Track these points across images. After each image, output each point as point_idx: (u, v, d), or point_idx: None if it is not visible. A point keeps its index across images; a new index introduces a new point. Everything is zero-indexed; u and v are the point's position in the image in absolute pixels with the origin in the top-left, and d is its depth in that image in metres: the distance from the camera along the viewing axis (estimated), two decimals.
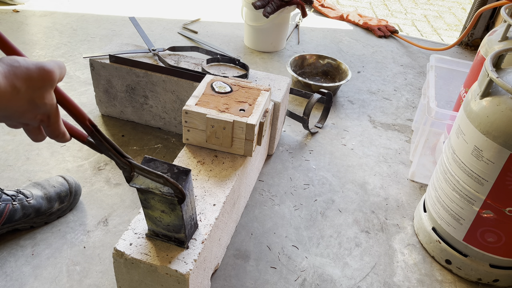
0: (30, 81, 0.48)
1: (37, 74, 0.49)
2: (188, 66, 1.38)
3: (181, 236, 0.83)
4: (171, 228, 0.82)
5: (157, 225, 0.83)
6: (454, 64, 1.55)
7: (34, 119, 0.53)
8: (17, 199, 1.04)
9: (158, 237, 0.85)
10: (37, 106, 0.51)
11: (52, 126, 0.55)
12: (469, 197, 0.99)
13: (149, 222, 0.84)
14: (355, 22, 2.47)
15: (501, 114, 0.88)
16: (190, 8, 2.46)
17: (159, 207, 0.79)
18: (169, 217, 0.80)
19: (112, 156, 0.68)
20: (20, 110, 0.50)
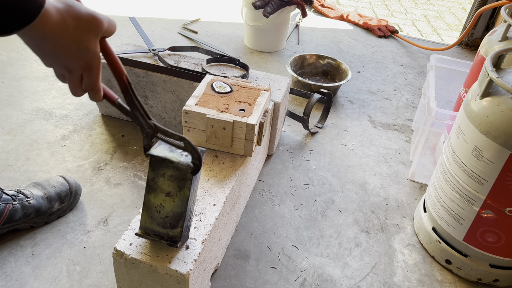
0: (79, 21, 0.53)
1: (86, 17, 0.54)
2: (188, 66, 1.38)
3: (176, 233, 0.80)
4: (168, 221, 0.80)
5: (153, 219, 0.80)
6: (454, 64, 1.55)
7: (78, 64, 0.57)
8: (17, 199, 1.04)
9: (149, 236, 0.81)
10: (81, 50, 0.56)
11: (92, 77, 0.60)
12: (469, 197, 0.99)
13: (144, 217, 0.81)
14: (355, 22, 2.47)
15: (501, 114, 0.88)
16: (190, 8, 2.46)
17: (165, 188, 0.78)
18: (172, 202, 0.79)
19: (138, 116, 0.71)
20: (66, 46, 0.54)
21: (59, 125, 1.46)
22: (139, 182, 1.26)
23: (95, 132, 1.43)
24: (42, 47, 0.54)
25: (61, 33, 0.53)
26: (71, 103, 1.57)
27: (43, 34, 0.52)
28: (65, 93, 1.62)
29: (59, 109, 1.53)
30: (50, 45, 0.53)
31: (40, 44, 0.54)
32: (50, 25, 0.51)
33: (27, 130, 1.42)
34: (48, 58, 0.56)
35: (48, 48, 0.54)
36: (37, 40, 0.53)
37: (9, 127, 1.43)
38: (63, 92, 1.63)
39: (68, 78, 0.59)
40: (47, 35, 0.52)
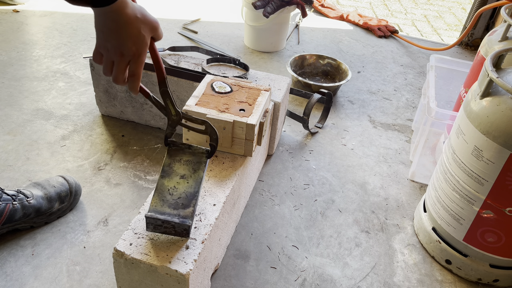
0: (144, 18, 0.71)
1: (150, 18, 0.72)
2: (188, 66, 1.38)
3: (187, 213, 0.83)
4: (181, 202, 0.84)
5: (164, 202, 0.84)
6: (454, 64, 1.55)
7: (131, 50, 0.71)
8: (17, 199, 1.04)
9: (158, 220, 0.82)
10: (139, 37, 0.71)
11: (138, 63, 0.74)
12: (469, 197, 0.99)
13: (155, 200, 0.84)
14: (355, 22, 2.47)
15: (501, 114, 0.88)
16: (190, 8, 2.46)
17: (180, 172, 0.87)
18: (186, 183, 0.86)
19: (169, 105, 0.84)
20: (129, 33, 0.70)
21: (59, 125, 1.46)
22: (139, 182, 1.26)
23: (95, 132, 1.43)
24: (112, 27, 0.69)
25: (130, 20, 0.69)
26: (71, 103, 1.57)
27: (118, 16, 0.68)
28: (65, 93, 1.62)
29: (59, 109, 1.53)
30: (119, 26, 0.69)
31: (111, 24, 0.69)
32: (127, 12, 0.69)
33: (27, 130, 1.42)
34: (111, 39, 0.70)
35: (116, 28, 0.69)
36: (111, 21, 0.68)
37: (9, 127, 1.43)
38: (63, 92, 1.63)
39: (118, 62, 0.72)
40: (120, 18, 0.68)
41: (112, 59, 0.73)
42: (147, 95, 0.82)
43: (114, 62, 0.73)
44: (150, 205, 0.83)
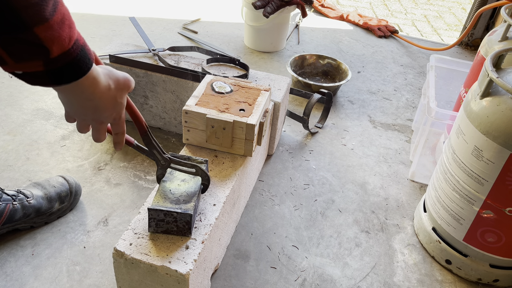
0: (117, 83, 0.65)
1: (122, 79, 0.65)
2: (188, 66, 1.38)
3: (189, 207, 0.84)
4: (182, 198, 0.86)
5: (166, 199, 0.86)
6: (454, 64, 1.55)
7: (111, 117, 0.67)
8: (17, 199, 1.04)
9: (161, 212, 0.83)
10: (116, 104, 0.66)
11: (120, 124, 0.71)
12: (469, 197, 0.99)
13: (157, 198, 0.86)
14: (355, 22, 2.47)
15: (501, 114, 0.88)
16: (190, 8, 2.46)
17: (181, 177, 0.91)
18: (187, 184, 0.90)
19: (155, 154, 0.83)
20: (108, 104, 0.65)
21: (59, 125, 1.46)
22: (139, 182, 1.26)
23: None
24: (85, 104, 0.63)
25: (106, 93, 0.63)
26: None
27: (93, 92, 0.61)
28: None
29: (59, 109, 1.53)
30: (95, 102, 0.63)
31: (86, 101, 0.62)
32: (99, 85, 0.61)
33: (27, 130, 1.42)
34: (86, 113, 0.65)
35: (91, 105, 0.63)
36: (84, 97, 0.61)
37: (9, 127, 1.43)
38: None
39: (98, 128, 0.69)
40: (96, 93, 0.61)
41: (89, 124, 0.69)
42: (130, 144, 0.80)
43: (91, 126, 0.69)
44: (152, 202, 0.85)
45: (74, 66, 0.56)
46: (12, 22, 0.48)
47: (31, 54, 0.52)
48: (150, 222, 0.85)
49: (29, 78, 0.55)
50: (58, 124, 1.46)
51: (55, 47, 0.52)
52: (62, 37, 0.53)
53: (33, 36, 0.50)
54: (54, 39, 0.52)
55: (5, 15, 0.48)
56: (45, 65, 0.53)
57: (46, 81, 0.56)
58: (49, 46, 0.52)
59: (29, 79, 0.56)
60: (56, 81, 0.56)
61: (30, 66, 0.53)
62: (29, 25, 0.49)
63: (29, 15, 0.49)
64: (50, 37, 0.51)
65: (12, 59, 0.52)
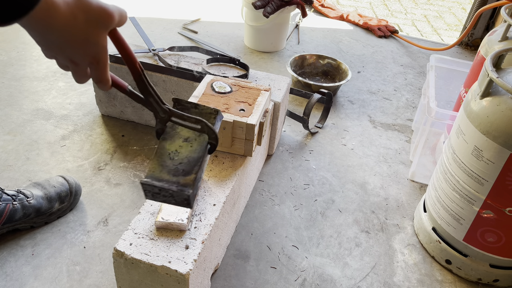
0: (88, 14, 0.51)
1: (97, 10, 0.52)
2: (188, 66, 1.38)
3: (188, 180, 0.71)
4: (182, 168, 0.72)
5: (163, 167, 0.72)
6: (454, 64, 1.55)
7: (85, 58, 0.55)
8: (17, 199, 1.04)
9: (155, 187, 0.70)
10: (90, 43, 0.54)
11: (99, 70, 0.58)
12: (469, 197, 0.99)
13: (153, 165, 0.72)
14: (355, 22, 2.47)
15: (501, 114, 0.88)
16: (190, 8, 2.46)
17: (184, 134, 0.74)
18: (190, 147, 0.73)
19: (152, 102, 0.69)
20: (74, 40, 0.52)
21: (59, 125, 1.46)
22: None
23: (95, 132, 1.43)
24: (47, 38, 0.52)
25: (69, 26, 0.51)
26: (71, 103, 1.57)
27: (50, 25, 0.49)
28: (65, 93, 1.62)
29: (59, 109, 1.53)
30: (56, 37, 0.51)
31: (45, 35, 0.51)
32: (58, 17, 0.49)
33: (27, 130, 1.42)
34: (52, 49, 0.54)
35: (53, 40, 0.52)
36: (42, 32, 0.50)
37: (9, 127, 1.43)
38: (63, 92, 1.63)
39: (74, 70, 0.57)
40: (54, 26, 0.50)
41: (66, 65, 0.57)
42: (123, 90, 0.67)
43: (69, 67, 0.58)
44: (148, 171, 0.71)
45: None
46: None
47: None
48: (146, 192, 0.72)
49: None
50: (58, 124, 1.46)
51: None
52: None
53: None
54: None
55: None
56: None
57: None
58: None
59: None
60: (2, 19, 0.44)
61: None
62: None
63: None
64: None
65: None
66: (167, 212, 0.88)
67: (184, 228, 0.87)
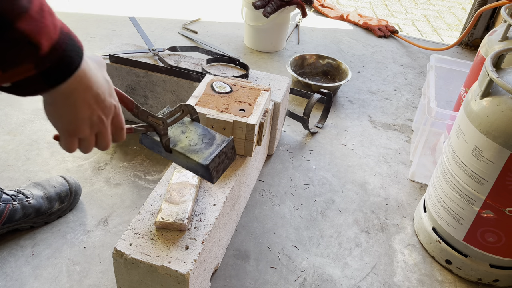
0: (101, 64, 0.60)
1: (101, 60, 0.60)
2: (188, 66, 1.38)
3: (219, 137, 0.85)
4: (205, 141, 0.86)
5: (200, 151, 0.84)
6: (454, 64, 1.55)
7: (110, 109, 0.60)
8: (17, 199, 1.04)
9: (216, 158, 0.82)
10: (112, 96, 0.60)
11: (121, 116, 0.63)
12: (469, 197, 0.99)
13: (196, 157, 0.83)
14: (355, 22, 2.47)
15: (501, 114, 0.88)
16: (190, 8, 2.46)
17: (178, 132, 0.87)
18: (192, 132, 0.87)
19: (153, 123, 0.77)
20: (105, 89, 0.58)
21: None
22: (139, 182, 1.26)
23: None
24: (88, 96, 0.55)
25: (100, 77, 0.57)
26: None
27: (91, 81, 0.54)
28: None
29: None
30: (96, 90, 0.56)
31: (86, 94, 0.55)
32: (94, 72, 0.55)
33: (27, 130, 1.42)
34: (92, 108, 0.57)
35: (94, 95, 0.56)
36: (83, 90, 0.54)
37: (9, 127, 1.43)
38: None
39: (104, 132, 0.61)
40: (93, 81, 0.55)
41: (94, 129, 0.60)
42: (130, 131, 0.75)
43: (97, 129, 0.60)
44: (198, 162, 0.82)
45: (67, 59, 0.49)
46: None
47: (20, 56, 0.45)
48: (213, 174, 0.83)
49: (20, 88, 0.48)
50: None
51: (43, 39, 0.46)
52: (46, 25, 0.46)
53: (17, 33, 0.44)
54: (40, 30, 0.45)
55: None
56: (37, 66, 0.47)
57: (42, 86, 0.49)
58: (37, 39, 0.45)
59: (21, 89, 0.48)
60: (53, 81, 0.49)
61: (20, 72, 0.47)
62: (9, 21, 0.43)
63: (5, 9, 0.42)
64: (35, 29, 0.45)
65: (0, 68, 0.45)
66: (167, 212, 0.88)
67: (184, 228, 0.87)
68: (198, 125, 0.89)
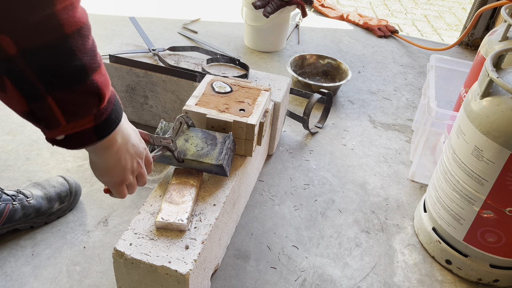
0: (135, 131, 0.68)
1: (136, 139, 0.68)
2: (188, 66, 1.38)
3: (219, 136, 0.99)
4: (208, 142, 0.98)
5: (207, 152, 0.96)
6: (454, 64, 1.55)
7: (143, 152, 0.69)
8: (17, 199, 1.04)
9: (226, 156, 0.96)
10: (141, 140, 0.69)
11: (148, 154, 0.73)
12: (469, 197, 0.99)
13: (207, 160, 0.95)
14: (355, 22, 2.47)
15: (501, 114, 0.88)
16: (190, 8, 2.46)
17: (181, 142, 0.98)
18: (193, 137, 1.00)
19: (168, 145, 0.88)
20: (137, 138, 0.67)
21: None
22: None
23: None
24: (128, 146, 0.62)
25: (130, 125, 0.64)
26: None
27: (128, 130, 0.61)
28: None
29: None
30: (134, 140, 0.64)
31: (127, 144, 0.61)
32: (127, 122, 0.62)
33: (27, 130, 1.42)
34: (131, 156, 0.64)
35: (133, 144, 0.64)
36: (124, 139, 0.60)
37: (9, 127, 1.43)
38: None
39: (143, 173, 0.70)
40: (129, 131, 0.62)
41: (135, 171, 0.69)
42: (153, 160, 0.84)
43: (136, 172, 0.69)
44: (211, 163, 0.94)
45: (115, 113, 0.54)
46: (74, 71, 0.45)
47: (86, 107, 0.49)
48: (226, 169, 0.96)
49: (72, 140, 0.52)
50: None
51: (107, 92, 0.50)
52: (108, 81, 0.51)
53: (93, 84, 0.47)
54: (106, 84, 0.50)
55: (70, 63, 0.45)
56: (96, 119, 0.51)
57: (93, 138, 0.53)
58: (103, 92, 0.49)
59: (73, 142, 0.52)
60: (102, 134, 0.53)
61: (81, 124, 0.50)
62: (89, 72, 0.47)
63: (88, 61, 0.46)
64: (104, 83, 0.49)
65: (65, 118, 0.48)
66: (167, 212, 0.88)
67: (184, 228, 0.86)
68: (197, 130, 1.00)
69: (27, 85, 0.45)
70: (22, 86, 0.45)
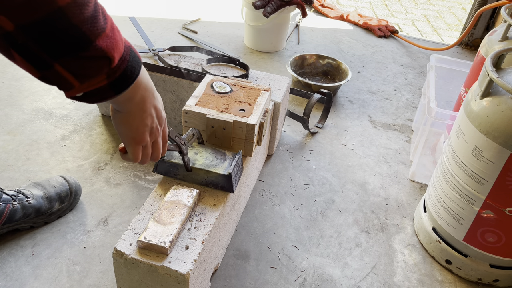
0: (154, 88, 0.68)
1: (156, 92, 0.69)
2: (188, 66, 1.38)
3: (229, 153, 1.02)
4: (218, 156, 1.01)
5: (217, 164, 0.99)
6: (454, 64, 1.55)
7: (164, 120, 0.70)
8: (17, 199, 1.04)
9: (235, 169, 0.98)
10: (163, 109, 0.70)
11: (166, 128, 0.74)
12: (469, 197, 0.99)
13: (216, 170, 0.97)
14: (355, 22, 2.47)
15: (501, 114, 0.88)
16: (190, 8, 2.46)
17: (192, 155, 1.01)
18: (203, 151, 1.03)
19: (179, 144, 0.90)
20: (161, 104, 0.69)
21: (59, 125, 1.46)
22: (139, 182, 1.26)
23: (95, 132, 1.43)
24: (149, 99, 0.64)
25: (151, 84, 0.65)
26: (71, 103, 1.57)
27: (150, 84, 0.63)
28: None
29: (59, 109, 1.53)
30: (155, 94, 0.65)
31: (147, 97, 0.63)
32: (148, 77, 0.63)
33: (27, 130, 1.42)
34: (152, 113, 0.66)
35: (154, 98, 0.65)
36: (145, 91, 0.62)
37: (9, 127, 1.43)
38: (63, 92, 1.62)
39: (158, 142, 0.71)
40: (151, 85, 0.64)
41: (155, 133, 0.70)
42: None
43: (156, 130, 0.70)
44: (220, 173, 0.96)
45: (131, 69, 0.56)
46: (75, 39, 0.48)
47: (96, 69, 0.52)
48: (234, 182, 0.97)
49: (91, 96, 0.55)
50: (58, 124, 1.46)
51: (115, 53, 0.53)
52: (117, 41, 0.53)
53: (97, 49, 0.50)
54: (113, 46, 0.52)
55: (68, 33, 0.47)
56: (108, 77, 0.53)
57: (110, 93, 0.56)
58: (111, 54, 0.52)
59: (91, 97, 0.55)
60: (119, 89, 0.56)
61: (94, 83, 0.53)
62: (91, 39, 0.49)
63: (89, 29, 0.49)
64: (110, 45, 0.51)
65: (78, 80, 0.52)
66: (151, 232, 0.83)
67: (165, 252, 0.81)
68: (207, 146, 1.03)
69: (32, 56, 0.48)
70: (28, 57, 0.48)
